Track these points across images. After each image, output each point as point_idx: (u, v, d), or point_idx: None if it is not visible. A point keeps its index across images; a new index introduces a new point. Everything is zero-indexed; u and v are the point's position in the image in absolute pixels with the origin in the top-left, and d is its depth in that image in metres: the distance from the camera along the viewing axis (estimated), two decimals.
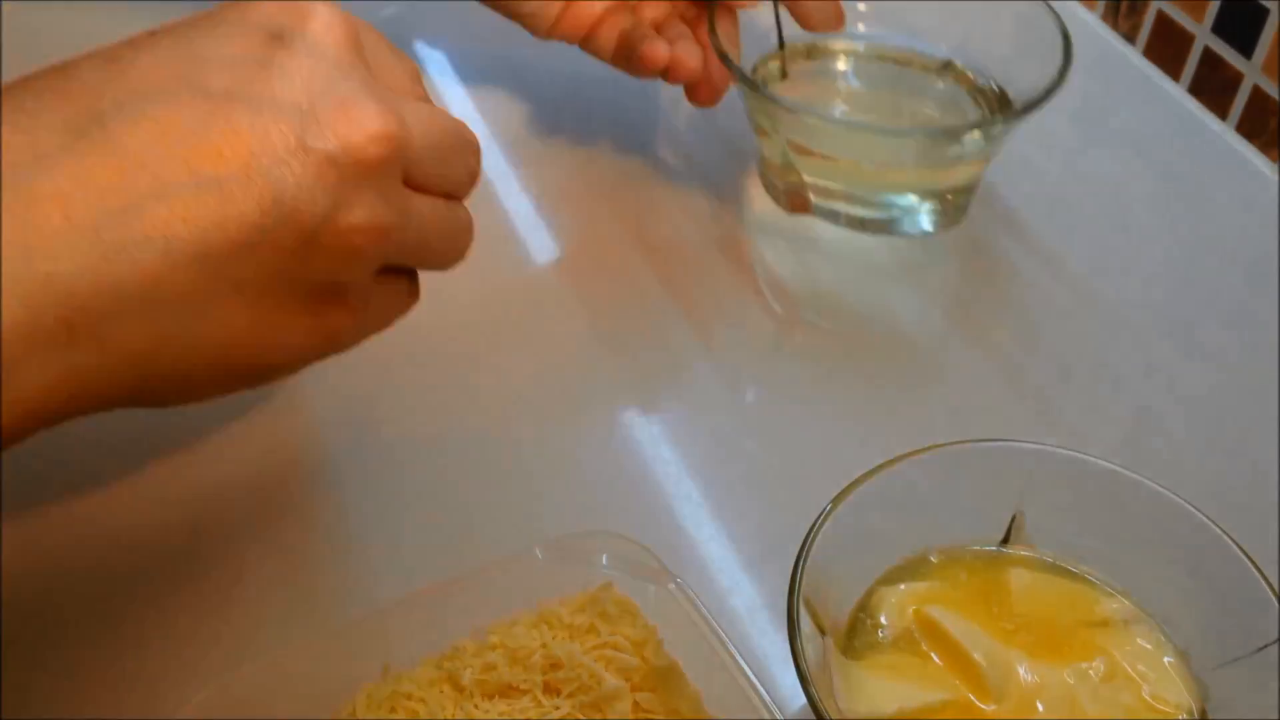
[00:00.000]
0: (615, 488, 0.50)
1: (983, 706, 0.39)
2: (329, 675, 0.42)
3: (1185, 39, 0.67)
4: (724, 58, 0.55)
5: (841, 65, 0.62)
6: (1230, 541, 0.40)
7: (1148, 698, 0.40)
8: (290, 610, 0.46)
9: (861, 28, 0.62)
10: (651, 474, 0.51)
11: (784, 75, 0.59)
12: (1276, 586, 0.39)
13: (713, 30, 0.56)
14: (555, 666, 0.41)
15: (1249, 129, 0.65)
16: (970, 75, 0.61)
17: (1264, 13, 0.62)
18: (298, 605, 0.46)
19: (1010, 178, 0.63)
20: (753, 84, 0.55)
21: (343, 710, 0.41)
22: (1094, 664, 0.40)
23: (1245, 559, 0.39)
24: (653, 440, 0.52)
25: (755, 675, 0.41)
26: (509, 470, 0.51)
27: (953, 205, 0.57)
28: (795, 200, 0.56)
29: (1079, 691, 0.39)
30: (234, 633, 0.45)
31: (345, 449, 0.51)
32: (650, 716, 0.41)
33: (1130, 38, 0.71)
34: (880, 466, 0.42)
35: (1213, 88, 0.67)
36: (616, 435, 0.52)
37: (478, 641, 0.42)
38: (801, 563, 0.39)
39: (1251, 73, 0.64)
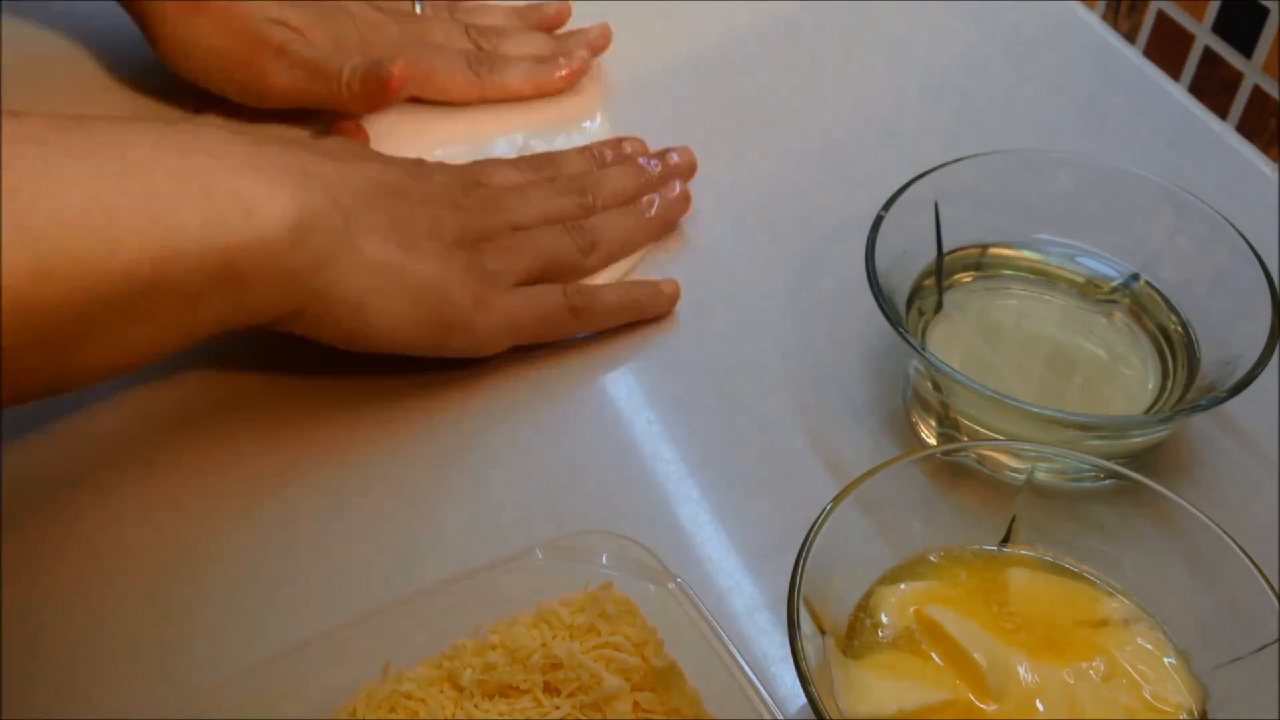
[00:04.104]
0: (615, 488, 0.50)
1: (983, 706, 0.39)
2: (329, 675, 0.42)
3: (1185, 39, 0.67)
4: (886, 313, 0.48)
5: (1007, 292, 0.55)
6: (1230, 541, 0.40)
7: (1148, 698, 0.40)
8: (291, 610, 0.46)
9: (1040, 234, 0.55)
10: (651, 474, 0.51)
11: (939, 306, 0.53)
12: (1276, 586, 0.39)
13: (883, 305, 0.48)
14: (555, 666, 0.41)
15: (1249, 129, 0.65)
16: (1150, 303, 0.53)
17: (1264, 13, 0.62)
18: (298, 605, 0.46)
19: None
20: (916, 347, 0.48)
21: (343, 710, 0.41)
22: (1094, 664, 0.40)
23: (1245, 559, 0.40)
24: (653, 440, 0.52)
25: (755, 675, 0.41)
26: (509, 470, 0.51)
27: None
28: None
29: (1079, 691, 0.39)
30: (234, 632, 0.45)
31: (345, 448, 0.51)
32: (650, 716, 0.41)
33: (1130, 38, 0.71)
34: (880, 466, 0.42)
35: (1213, 88, 0.67)
36: (616, 435, 0.52)
37: (478, 641, 0.42)
38: (801, 563, 0.39)
39: (1251, 73, 0.64)
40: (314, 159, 0.49)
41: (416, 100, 0.64)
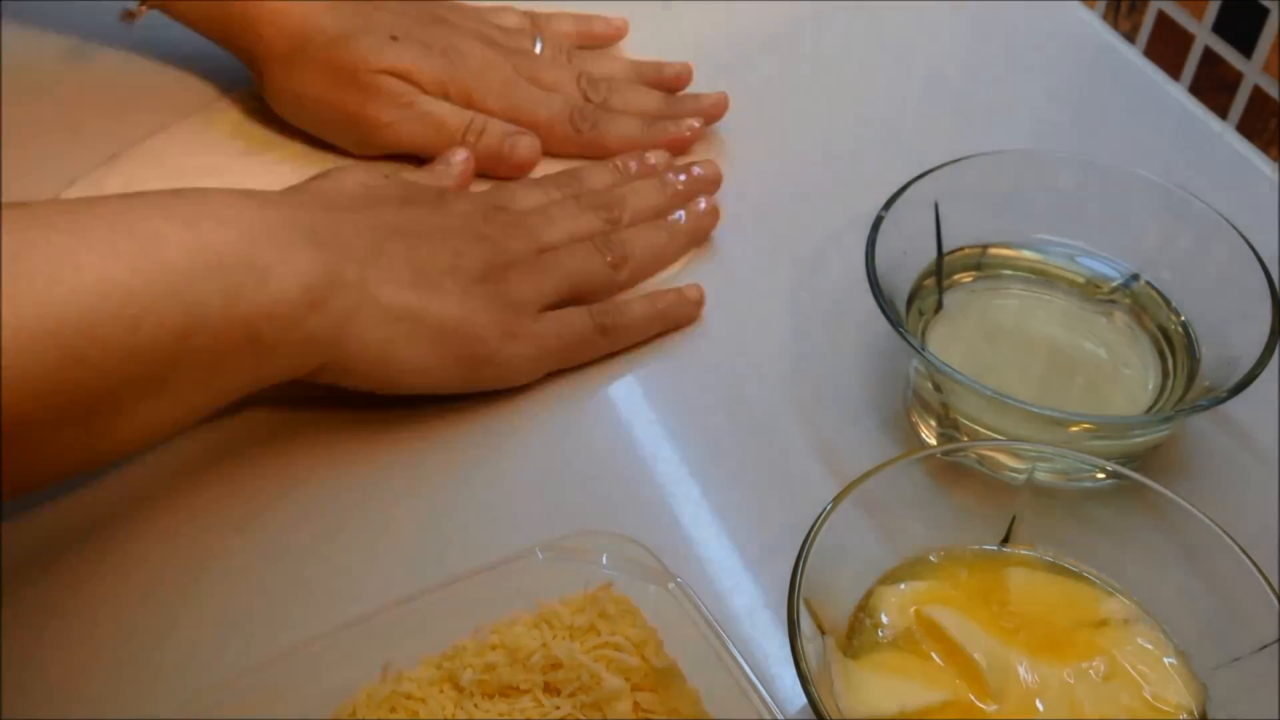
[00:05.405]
0: (615, 488, 0.50)
1: (983, 706, 0.39)
2: (329, 675, 0.42)
3: (1185, 39, 0.67)
4: (886, 313, 0.48)
5: (1007, 292, 0.55)
6: (1230, 541, 0.40)
7: (1148, 698, 0.40)
8: (291, 610, 0.46)
9: (1040, 234, 0.55)
10: (651, 474, 0.51)
11: (939, 306, 0.53)
12: (1276, 586, 0.39)
13: (883, 305, 0.48)
14: (555, 666, 0.41)
15: (1249, 129, 0.65)
16: (1150, 303, 0.53)
17: (1264, 13, 0.62)
18: (298, 605, 0.46)
19: None
20: (916, 347, 0.48)
21: (343, 710, 0.41)
22: (1094, 664, 0.40)
23: (1245, 559, 0.40)
24: (653, 440, 0.52)
25: (755, 675, 0.41)
26: (509, 470, 0.51)
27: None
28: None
29: (1079, 691, 0.39)
30: (234, 632, 0.45)
31: (346, 448, 0.51)
32: (650, 716, 0.41)
33: (1130, 38, 0.71)
34: (880, 466, 0.42)
35: (1213, 88, 0.67)
36: (616, 435, 0.52)
37: (478, 641, 0.42)
38: (801, 563, 0.39)
39: (1251, 73, 0.64)
40: (323, 215, 0.49)
41: None
